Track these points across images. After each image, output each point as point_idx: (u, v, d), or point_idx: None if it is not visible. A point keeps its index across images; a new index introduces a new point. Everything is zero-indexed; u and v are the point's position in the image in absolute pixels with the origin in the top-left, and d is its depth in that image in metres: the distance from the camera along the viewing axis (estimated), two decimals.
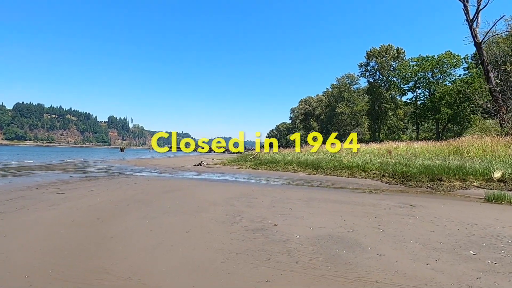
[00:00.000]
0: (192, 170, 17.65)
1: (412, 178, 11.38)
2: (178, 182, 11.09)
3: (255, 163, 18.25)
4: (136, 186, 9.55)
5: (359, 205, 6.98)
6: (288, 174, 14.91)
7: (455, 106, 36.93)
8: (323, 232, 4.58)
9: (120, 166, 20.11)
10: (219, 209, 6.19)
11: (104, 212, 5.71)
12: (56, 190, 8.44)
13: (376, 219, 5.51)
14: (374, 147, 22.55)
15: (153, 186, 9.81)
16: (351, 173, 13.70)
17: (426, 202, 7.55)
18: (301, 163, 16.40)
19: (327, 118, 65.19)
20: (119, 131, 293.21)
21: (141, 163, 23.98)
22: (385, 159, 14.55)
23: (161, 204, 6.56)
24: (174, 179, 12.31)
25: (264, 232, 4.50)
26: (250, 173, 15.62)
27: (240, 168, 17.64)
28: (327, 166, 14.88)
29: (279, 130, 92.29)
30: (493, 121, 24.57)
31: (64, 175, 13.35)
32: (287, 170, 15.78)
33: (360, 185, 11.35)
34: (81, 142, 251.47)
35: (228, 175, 14.70)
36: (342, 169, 14.25)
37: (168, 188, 9.17)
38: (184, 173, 15.62)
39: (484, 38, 22.81)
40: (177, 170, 17.27)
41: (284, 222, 5.17)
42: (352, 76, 60.63)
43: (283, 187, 10.41)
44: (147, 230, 4.52)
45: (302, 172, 15.14)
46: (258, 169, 16.87)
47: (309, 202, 7.17)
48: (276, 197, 7.80)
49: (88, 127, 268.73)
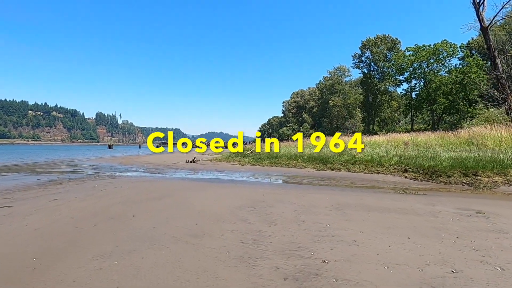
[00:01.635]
0: (185, 168, 15.56)
1: (442, 173, 9.70)
2: (168, 185, 9.03)
3: (254, 159, 16.30)
4: (115, 192, 7.46)
5: (411, 213, 5.16)
6: (294, 170, 13.03)
7: (450, 96, 35.87)
8: (412, 278, 2.69)
9: (103, 165, 17.79)
10: (227, 229, 4.23)
11: (51, 242, 3.66)
12: (5, 201, 6.28)
13: (461, 241, 3.69)
14: (378, 139, 20.98)
15: (137, 191, 7.75)
16: (366, 168, 11.94)
17: (488, 205, 5.81)
18: (307, 157, 14.56)
19: (320, 111, 63.73)
20: (108, 128, 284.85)
21: (128, 160, 21.65)
22: (402, 151, 12.86)
23: (142, 223, 4.54)
24: (164, 180, 10.24)
25: (315, 283, 2.58)
26: (250, 170, 13.67)
27: (238, 165, 15.66)
28: (337, 161, 13.08)
29: (271, 124, 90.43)
30: (497, 110, 23.40)
31: (31, 178, 11.05)
32: (292, 166, 13.91)
33: (382, 182, 9.59)
34: (68, 139, 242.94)
35: (227, 173, 12.71)
36: (355, 164, 12.48)
37: (155, 194, 7.13)
38: (176, 172, 13.53)
39: (491, 22, 21.40)
40: (168, 169, 15.14)
41: (335, 254, 3.26)
42: (344, 69, 59.13)
43: (298, 188, 8.51)
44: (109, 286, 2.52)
45: (309, 168, 13.30)
46: (258, 165, 14.94)
47: (344, 211, 5.31)
48: (298, 204, 5.90)
49: (76, 124, 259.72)
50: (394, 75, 42.66)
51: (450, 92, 35.98)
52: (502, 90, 20.99)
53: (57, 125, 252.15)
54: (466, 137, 16.09)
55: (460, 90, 35.06)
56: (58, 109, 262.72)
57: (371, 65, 48.95)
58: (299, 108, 75.00)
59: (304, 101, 73.80)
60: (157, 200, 6.37)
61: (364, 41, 48.89)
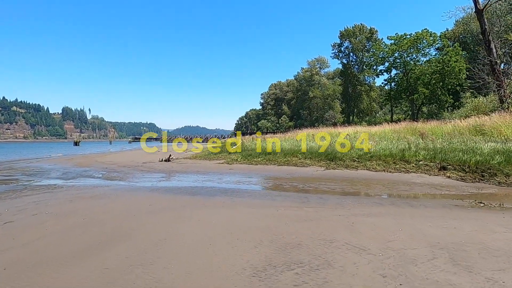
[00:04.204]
0: (157, 169, 12.15)
1: (496, 171, 7.37)
2: (128, 204, 5.75)
3: (243, 156, 13.23)
4: (27, 227, 4.11)
5: None
6: (296, 170, 10.20)
7: (430, 86, 35.08)
8: None
9: (52, 168, 13.77)
10: None
11: None
12: None
13: None
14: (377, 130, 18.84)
15: (72, 221, 4.43)
16: (388, 165, 9.42)
17: None
18: (308, 153, 11.79)
19: (299, 103, 61.68)
20: (76, 124, 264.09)
21: (87, 161, 17.57)
22: (423, 143, 10.51)
23: None
24: (123, 194, 6.90)
25: None
26: (242, 171, 10.63)
27: (225, 164, 12.52)
28: (349, 157, 10.46)
29: (248, 117, 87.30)
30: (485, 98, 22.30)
31: None
32: (293, 164, 11.06)
33: (427, 186, 7.04)
34: (31, 136, 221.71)
35: (213, 176, 9.59)
36: (372, 160, 9.92)
37: (100, 230, 3.90)
38: (144, 177, 10.13)
39: (486, 4, 19.86)
40: (134, 171, 11.65)
41: None
42: (323, 60, 57.29)
43: (329, 204, 5.62)
44: None
45: (315, 165, 10.54)
46: (250, 164, 11.92)
47: (473, 271, 2.51)
48: (367, 250, 3.02)
49: (39, 119, 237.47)
50: (374, 64, 41.26)
51: (429, 82, 35.19)
52: (496, 77, 19.71)
53: (18, 121, 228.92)
54: (474, 125, 14.22)
55: (440, 80, 34.32)
56: (19, 104, 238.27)
57: (350, 55, 47.30)
58: (278, 100, 72.56)
59: (282, 93, 71.41)
60: (97, 252, 3.17)
61: (342, 31, 47.00)
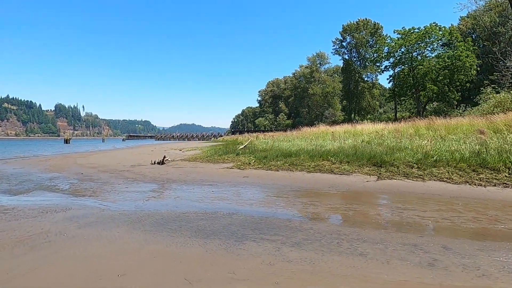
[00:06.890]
0: (147, 176, 9.13)
1: None
2: (77, 268, 2.79)
3: (257, 157, 10.30)
4: None
5: None
6: (337, 180, 7.33)
7: (439, 82, 32.72)
8: None
9: (13, 172, 10.58)
10: None
11: None
12: None
13: None
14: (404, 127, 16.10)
15: None
16: (465, 173, 6.67)
17: None
18: (342, 154, 8.94)
19: (298, 100, 58.95)
20: (69, 121, 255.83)
21: (65, 162, 14.36)
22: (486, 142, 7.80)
23: None
24: (78, 234, 3.92)
25: None
26: (263, 181, 7.72)
27: (235, 168, 9.56)
28: (404, 160, 7.67)
29: (245, 114, 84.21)
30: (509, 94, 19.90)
31: None
32: (327, 170, 8.17)
33: None
34: (24, 134, 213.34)
35: (226, 191, 6.66)
36: (439, 166, 7.15)
37: None
38: (127, 189, 7.10)
39: None
40: (117, 180, 8.60)
41: None
42: (323, 55, 54.57)
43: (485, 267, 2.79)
44: None
45: (358, 173, 7.72)
46: (269, 169, 8.98)
47: None
48: None
49: (32, 116, 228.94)
50: (379, 60, 38.72)
51: (437, 78, 32.84)
52: None
53: (10, 118, 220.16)
54: (495, 123, 11.59)
55: (448, 76, 31.99)
56: (11, 100, 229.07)
57: (352, 51, 44.69)
58: (275, 97, 69.69)
59: (280, 90, 68.55)
60: None
61: (345, 26, 44.33)
